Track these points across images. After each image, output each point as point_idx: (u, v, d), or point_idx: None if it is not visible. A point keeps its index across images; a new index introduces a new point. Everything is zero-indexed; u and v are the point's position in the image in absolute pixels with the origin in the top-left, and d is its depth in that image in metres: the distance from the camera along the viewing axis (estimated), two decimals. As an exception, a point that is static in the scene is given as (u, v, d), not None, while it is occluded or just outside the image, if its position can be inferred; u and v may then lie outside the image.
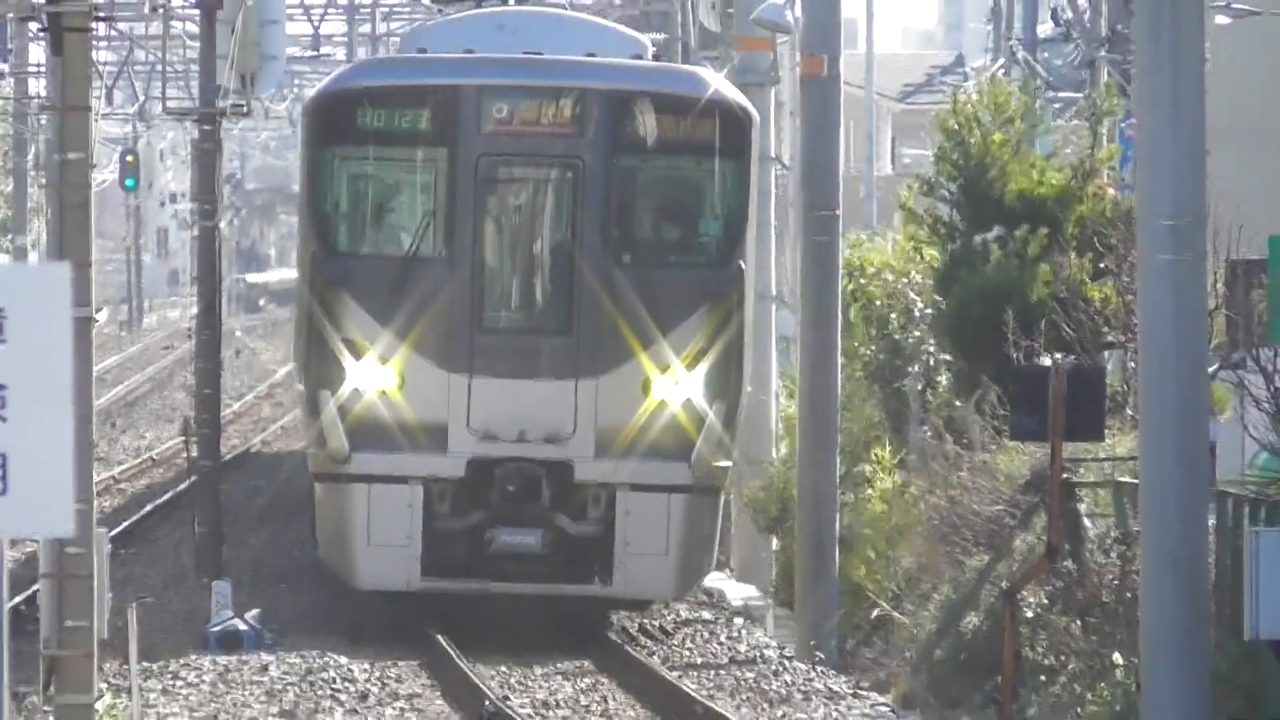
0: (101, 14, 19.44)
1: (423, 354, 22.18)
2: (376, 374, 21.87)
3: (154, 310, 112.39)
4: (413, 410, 22.13)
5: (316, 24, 69.29)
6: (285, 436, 56.89)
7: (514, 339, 23.26)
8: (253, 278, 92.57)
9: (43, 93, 58.27)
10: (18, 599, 23.87)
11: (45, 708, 16.97)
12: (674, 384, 22.50)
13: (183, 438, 36.65)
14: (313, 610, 29.12)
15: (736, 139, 23.29)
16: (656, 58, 27.66)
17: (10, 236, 74.94)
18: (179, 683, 23.01)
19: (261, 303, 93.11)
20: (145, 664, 21.76)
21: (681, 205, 23.73)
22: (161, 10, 39.23)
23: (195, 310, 36.92)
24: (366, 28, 70.39)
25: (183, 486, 39.68)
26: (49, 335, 8.76)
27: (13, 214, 75.46)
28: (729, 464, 23.39)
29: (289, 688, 22.38)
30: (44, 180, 62.28)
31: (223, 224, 40.99)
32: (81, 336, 12.69)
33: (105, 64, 63.46)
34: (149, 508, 42.63)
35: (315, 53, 70.64)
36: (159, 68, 61.03)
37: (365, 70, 24.29)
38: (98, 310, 45.88)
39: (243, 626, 24.87)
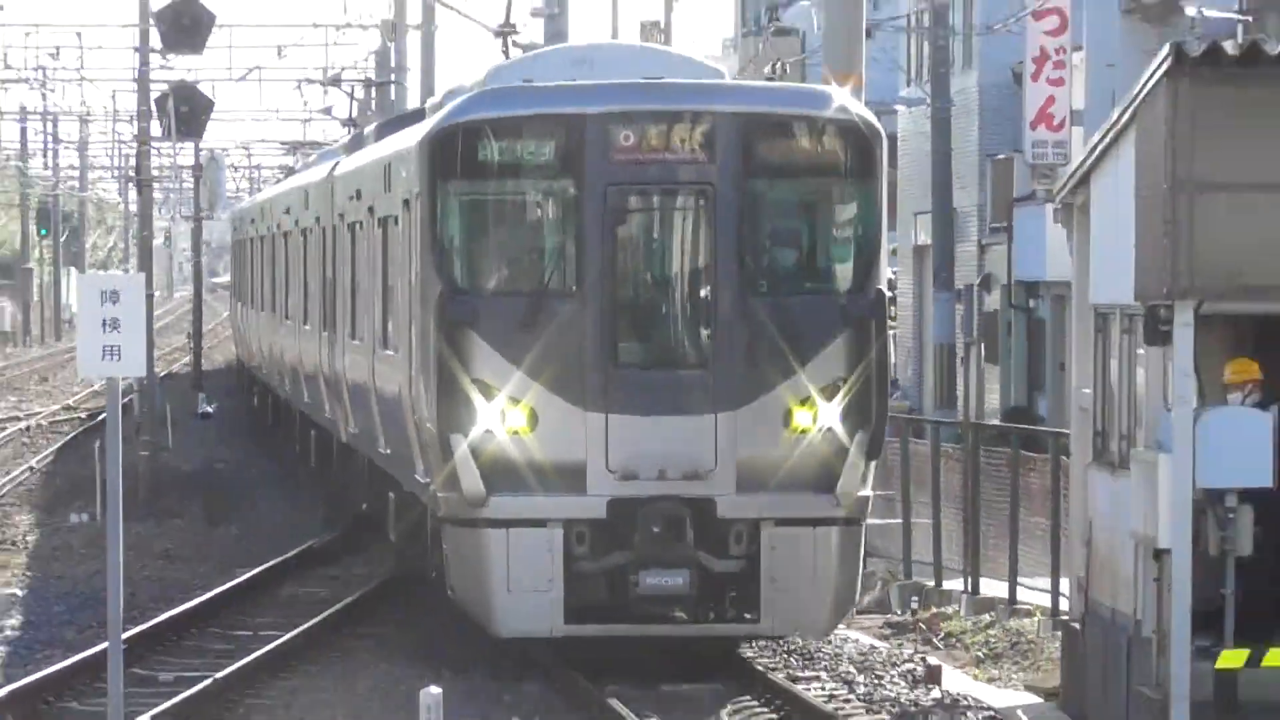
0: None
1: (556, 392, 21.77)
2: (509, 415, 21.69)
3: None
4: (549, 451, 21.72)
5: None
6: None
7: (650, 374, 22.55)
8: (216, 280, 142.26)
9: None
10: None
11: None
12: (815, 414, 22.08)
13: (187, 338, 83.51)
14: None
15: (868, 158, 22.74)
16: None
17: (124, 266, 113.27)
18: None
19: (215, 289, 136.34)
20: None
21: (816, 229, 23.29)
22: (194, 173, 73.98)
23: (192, 292, 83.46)
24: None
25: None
26: (138, 299, 16.23)
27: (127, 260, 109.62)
28: (870, 494, 23.21)
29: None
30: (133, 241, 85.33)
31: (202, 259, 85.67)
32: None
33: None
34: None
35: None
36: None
37: (483, 101, 22.62)
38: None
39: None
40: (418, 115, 29.87)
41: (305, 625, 29.06)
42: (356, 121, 61.32)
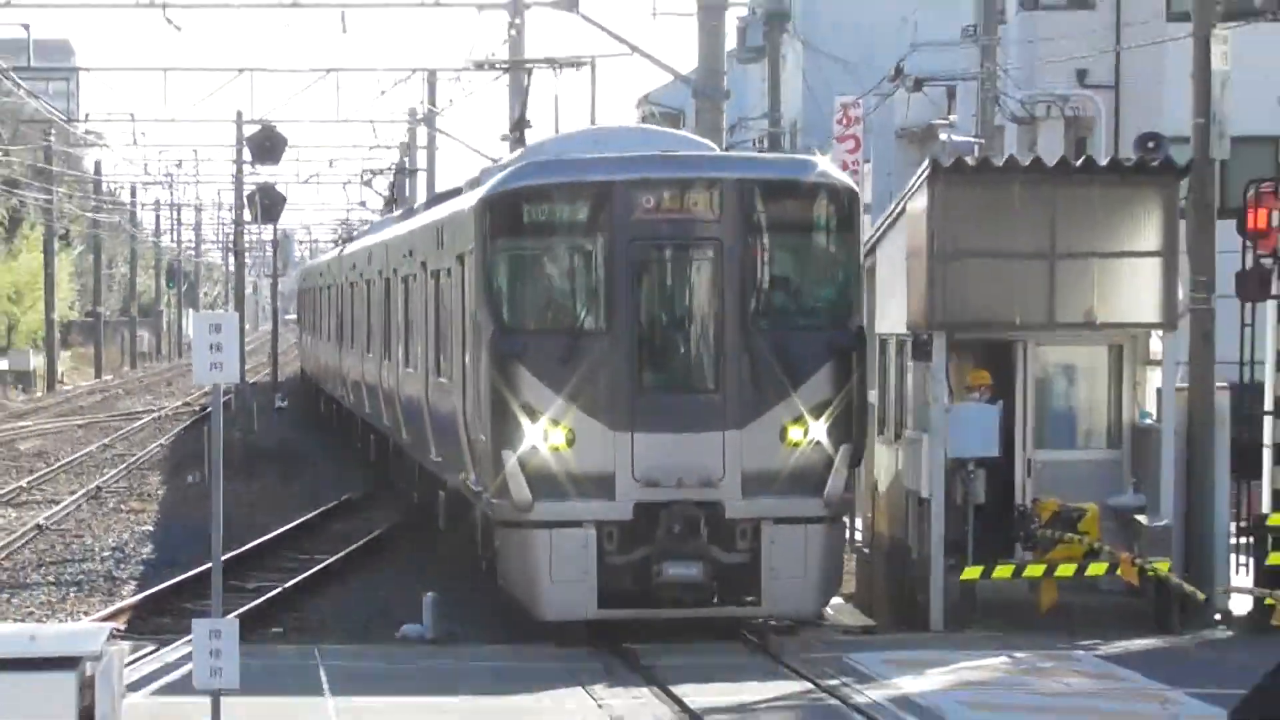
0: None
1: (590, 415, 19.26)
2: (551, 434, 19.22)
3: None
4: (584, 464, 19.22)
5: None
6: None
7: (669, 398, 19.79)
8: (287, 317, 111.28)
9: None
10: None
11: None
12: (806, 430, 19.51)
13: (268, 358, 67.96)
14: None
15: (847, 214, 20.23)
16: None
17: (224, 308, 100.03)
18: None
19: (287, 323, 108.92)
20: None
21: (806, 274, 20.61)
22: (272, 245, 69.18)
23: (271, 327, 71.31)
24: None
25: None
26: (234, 330, 14.41)
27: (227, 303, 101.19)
28: (852, 496, 21.05)
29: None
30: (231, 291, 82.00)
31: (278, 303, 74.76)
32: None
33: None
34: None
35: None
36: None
37: (528, 172, 20.30)
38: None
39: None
40: (454, 192, 27.27)
41: (345, 551, 28.82)
42: (393, 203, 60.63)
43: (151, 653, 18.91)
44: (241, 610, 21.92)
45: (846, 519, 23.03)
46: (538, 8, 35.38)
